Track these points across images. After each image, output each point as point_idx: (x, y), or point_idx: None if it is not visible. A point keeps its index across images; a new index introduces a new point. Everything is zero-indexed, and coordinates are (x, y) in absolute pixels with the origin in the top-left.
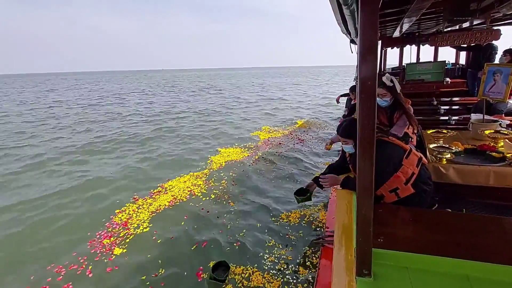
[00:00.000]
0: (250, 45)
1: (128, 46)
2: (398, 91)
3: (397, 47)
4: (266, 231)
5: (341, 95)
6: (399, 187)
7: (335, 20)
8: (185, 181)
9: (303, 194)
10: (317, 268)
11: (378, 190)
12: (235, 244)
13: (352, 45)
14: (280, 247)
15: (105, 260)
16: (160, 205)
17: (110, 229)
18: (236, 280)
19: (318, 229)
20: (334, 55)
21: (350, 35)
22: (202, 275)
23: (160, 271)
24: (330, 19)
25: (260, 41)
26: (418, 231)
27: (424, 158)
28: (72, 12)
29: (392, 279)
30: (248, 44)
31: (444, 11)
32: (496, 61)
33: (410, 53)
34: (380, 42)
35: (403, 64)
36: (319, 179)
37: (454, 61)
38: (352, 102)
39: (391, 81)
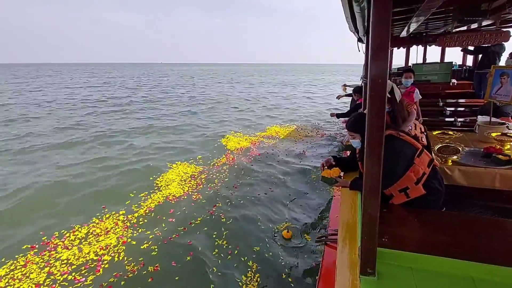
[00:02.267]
0: (256, 41)
1: (132, 39)
2: (398, 100)
3: (404, 47)
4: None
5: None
6: (409, 186)
7: (344, 17)
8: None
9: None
10: (320, 266)
11: (388, 189)
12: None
13: (359, 43)
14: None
15: None
16: None
17: None
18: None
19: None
20: (346, 53)
21: (358, 33)
22: None
23: None
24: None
25: (268, 38)
26: (423, 232)
27: (435, 161)
28: (78, 5)
29: (396, 278)
30: (253, 40)
31: (454, 11)
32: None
33: (416, 54)
34: None
35: (409, 65)
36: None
37: (461, 63)
38: (357, 103)
39: (392, 90)
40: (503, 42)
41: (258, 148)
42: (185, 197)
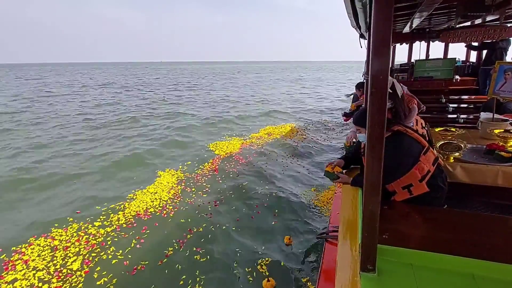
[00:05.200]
0: (257, 38)
1: (130, 37)
2: (400, 96)
3: (406, 43)
4: None
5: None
6: (413, 184)
7: (346, 13)
8: None
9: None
10: (320, 263)
11: (390, 184)
12: None
13: (362, 39)
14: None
15: None
16: None
17: None
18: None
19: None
20: (347, 49)
21: (360, 29)
22: None
23: None
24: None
25: (269, 35)
26: (424, 229)
27: (440, 159)
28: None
29: (396, 275)
30: (254, 37)
31: (457, 6)
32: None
33: (419, 49)
34: None
35: (412, 61)
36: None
37: (464, 59)
38: (360, 99)
39: (392, 86)
40: (509, 38)
41: (247, 154)
42: (158, 213)
